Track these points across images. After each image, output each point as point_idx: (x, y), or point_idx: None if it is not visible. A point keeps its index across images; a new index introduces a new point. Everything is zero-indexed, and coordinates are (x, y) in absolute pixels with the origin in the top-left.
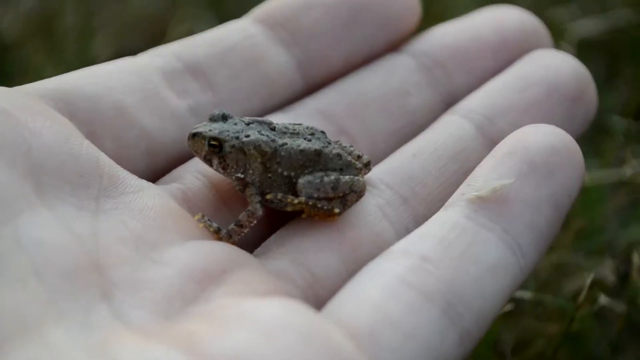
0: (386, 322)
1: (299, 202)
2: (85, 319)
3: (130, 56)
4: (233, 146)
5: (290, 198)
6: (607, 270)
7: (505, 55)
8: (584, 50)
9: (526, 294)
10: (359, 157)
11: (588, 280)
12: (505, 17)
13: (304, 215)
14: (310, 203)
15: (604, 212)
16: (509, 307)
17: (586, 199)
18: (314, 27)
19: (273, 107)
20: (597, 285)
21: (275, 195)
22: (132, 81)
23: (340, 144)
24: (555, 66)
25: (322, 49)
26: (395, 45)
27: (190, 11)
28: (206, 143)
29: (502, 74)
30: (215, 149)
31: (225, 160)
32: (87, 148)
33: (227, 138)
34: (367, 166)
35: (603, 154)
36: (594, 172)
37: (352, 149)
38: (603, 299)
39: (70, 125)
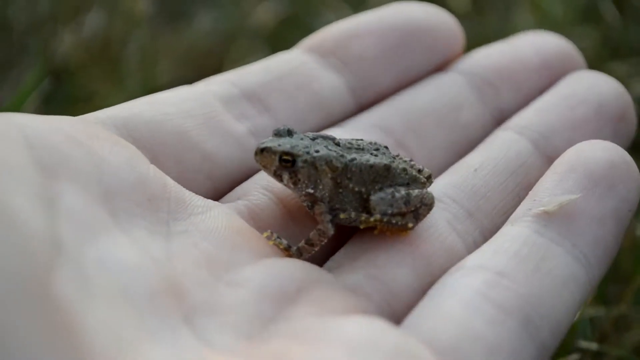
0: (470, 337)
1: (375, 220)
2: (175, 341)
3: (187, 85)
4: (305, 161)
5: (364, 216)
6: None
7: (547, 75)
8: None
9: (591, 345)
10: (419, 170)
11: None
12: (543, 40)
13: (376, 232)
14: (385, 220)
15: None
16: (575, 358)
17: None
18: (363, 53)
19: (328, 127)
20: None
21: (350, 215)
22: (191, 106)
23: (402, 158)
24: (598, 86)
25: (372, 73)
26: (441, 68)
27: (246, 44)
28: (277, 158)
29: (548, 93)
30: (287, 164)
31: (296, 176)
32: (154, 172)
33: (300, 153)
34: (429, 179)
35: None
36: None
37: (412, 162)
38: None
39: (136, 150)
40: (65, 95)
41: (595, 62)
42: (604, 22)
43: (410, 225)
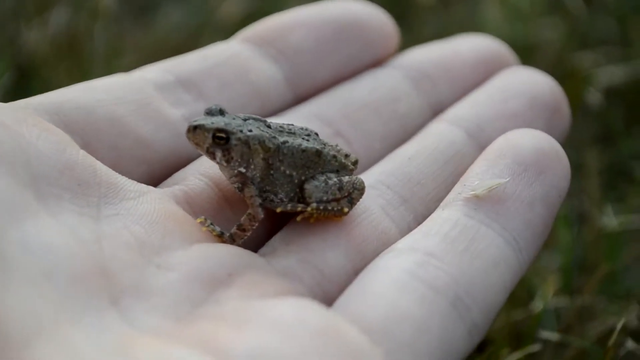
0: (399, 316)
1: (311, 209)
2: (98, 323)
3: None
4: (239, 139)
5: (301, 207)
6: (632, 315)
7: (483, 70)
8: (606, 96)
9: (553, 336)
10: (346, 156)
11: (619, 324)
12: (479, 40)
13: (312, 221)
14: (321, 207)
15: (626, 258)
16: (536, 348)
17: (609, 245)
18: (299, 44)
19: (265, 116)
20: (622, 330)
21: (285, 206)
22: (125, 93)
23: (329, 144)
24: (532, 80)
25: (309, 65)
26: (377, 64)
27: (213, 39)
28: (210, 135)
29: (483, 87)
30: (220, 141)
31: (229, 153)
32: (84, 157)
33: (234, 130)
34: (355, 164)
35: (625, 199)
36: (617, 217)
37: (339, 148)
38: (630, 344)
39: (66, 136)
40: (30, 90)
41: (562, 53)
42: (569, 12)
43: (345, 210)
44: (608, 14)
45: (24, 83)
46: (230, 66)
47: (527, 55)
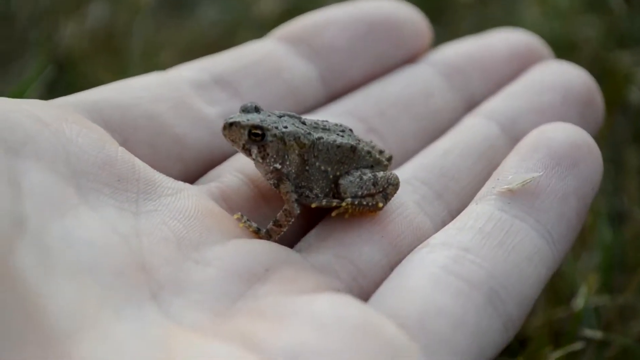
0: (435, 311)
1: (346, 204)
2: (139, 317)
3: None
4: (274, 135)
5: (336, 202)
6: None
7: (516, 64)
8: None
9: (595, 334)
10: (380, 152)
11: None
12: (512, 34)
13: (346, 216)
14: (356, 202)
15: None
16: (578, 346)
17: None
18: (333, 42)
19: (300, 113)
20: None
21: (321, 202)
22: (162, 91)
23: (364, 141)
24: (566, 74)
25: (342, 63)
26: (410, 61)
27: (249, 35)
28: (246, 132)
29: (517, 80)
30: (256, 138)
31: (265, 150)
32: (122, 154)
33: (269, 127)
34: (389, 160)
35: None
36: None
37: (374, 144)
38: None
39: (105, 133)
40: (69, 85)
41: (601, 51)
42: (609, 11)
43: (380, 205)
44: None
45: (62, 78)
46: (265, 65)
47: (566, 53)
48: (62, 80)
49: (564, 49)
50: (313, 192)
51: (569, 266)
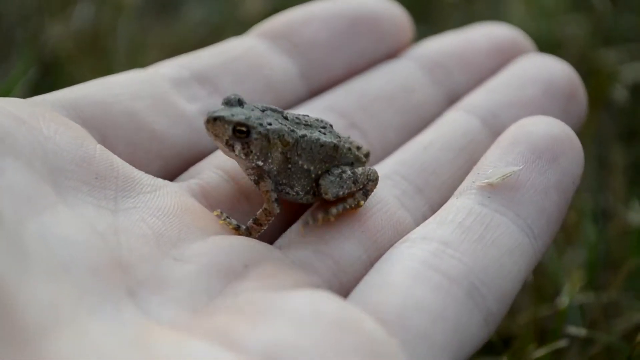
0: (414, 306)
1: (332, 217)
2: (116, 314)
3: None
4: (259, 133)
5: (321, 216)
6: None
7: (498, 58)
8: (631, 93)
9: (579, 331)
10: (358, 148)
11: None
12: (493, 28)
13: (332, 219)
14: (340, 209)
15: None
16: (562, 344)
17: (635, 241)
18: (314, 38)
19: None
20: None
21: (308, 222)
22: (141, 88)
23: (343, 137)
24: (548, 67)
25: (322, 58)
26: (392, 56)
27: (235, 36)
28: (231, 128)
29: (499, 74)
30: (241, 135)
31: (249, 147)
32: (101, 151)
33: (255, 124)
34: (367, 156)
35: None
36: None
37: (351, 140)
38: None
39: (83, 130)
40: (54, 86)
41: (586, 50)
42: (594, 9)
43: (362, 203)
44: (632, 11)
45: (47, 79)
46: (245, 61)
47: (552, 51)
48: (47, 81)
49: (550, 48)
50: (294, 190)
51: (554, 264)
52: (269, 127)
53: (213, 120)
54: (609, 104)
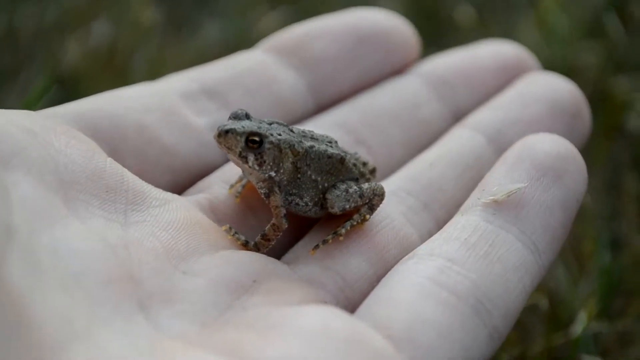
0: (421, 322)
1: (340, 236)
2: (128, 328)
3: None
4: (271, 142)
5: (331, 237)
6: None
7: (503, 75)
8: None
9: None
10: (364, 164)
11: None
12: (499, 46)
13: (341, 238)
14: (348, 227)
15: None
16: None
17: None
18: (322, 53)
19: (288, 123)
20: None
21: (320, 244)
22: (151, 101)
23: (349, 153)
24: (553, 86)
25: (331, 73)
26: (399, 72)
27: None
28: (243, 139)
29: (504, 92)
30: (254, 145)
31: (262, 157)
32: (111, 164)
33: (267, 134)
34: (373, 173)
35: None
36: None
37: (358, 155)
38: None
39: (93, 143)
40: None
41: (601, 77)
42: (608, 37)
43: (367, 217)
44: None
45: (63, 95)
46: (254, 75)
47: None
48: (65, 99)
49: (563, 74)
50: (303, 201)
51: (568, 292)
52: (280, 137)
53: (225, 133)
54: (622, 131)
